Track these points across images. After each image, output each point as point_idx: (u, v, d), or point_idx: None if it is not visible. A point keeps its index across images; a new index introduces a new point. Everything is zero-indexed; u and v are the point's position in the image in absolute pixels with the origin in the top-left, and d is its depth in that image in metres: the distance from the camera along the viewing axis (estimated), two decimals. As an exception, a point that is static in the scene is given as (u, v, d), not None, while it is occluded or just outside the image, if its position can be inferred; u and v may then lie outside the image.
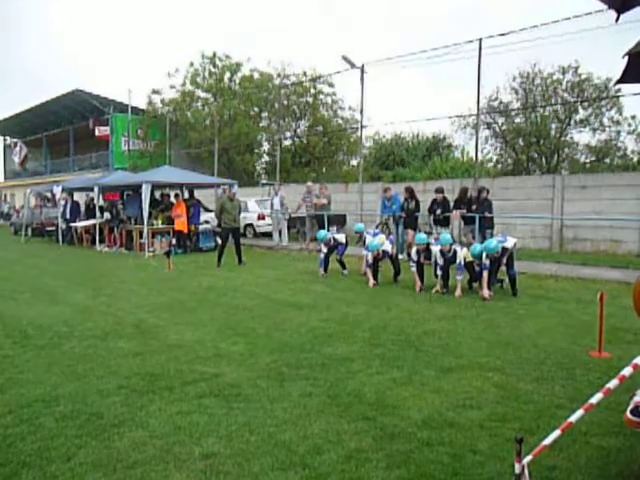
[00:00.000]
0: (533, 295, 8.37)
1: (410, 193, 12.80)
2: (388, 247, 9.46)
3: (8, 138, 45.04)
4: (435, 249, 8.62)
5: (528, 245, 14.51)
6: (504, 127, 25.55)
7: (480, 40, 14.23)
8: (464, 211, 11.78)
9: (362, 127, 19.34)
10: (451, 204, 12.19)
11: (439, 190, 12.40)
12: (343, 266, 10.68)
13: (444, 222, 12.20)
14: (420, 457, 3.15)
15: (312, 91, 29.96)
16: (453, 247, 8.55)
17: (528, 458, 2.53)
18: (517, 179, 16.83)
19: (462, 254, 8.45)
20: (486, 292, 8.04)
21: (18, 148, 39.65)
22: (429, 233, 10.40)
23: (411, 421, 3.66)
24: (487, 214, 11.47)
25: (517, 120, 25.22)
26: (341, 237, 10.64)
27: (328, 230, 13.87)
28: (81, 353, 5.41)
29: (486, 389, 4.27)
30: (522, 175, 21.58)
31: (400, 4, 76.70)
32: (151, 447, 3.32)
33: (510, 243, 8.38)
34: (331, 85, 29.68)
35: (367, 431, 3.52)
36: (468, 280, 8.93)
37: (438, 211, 12.15)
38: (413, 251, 8.99)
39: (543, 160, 25.23)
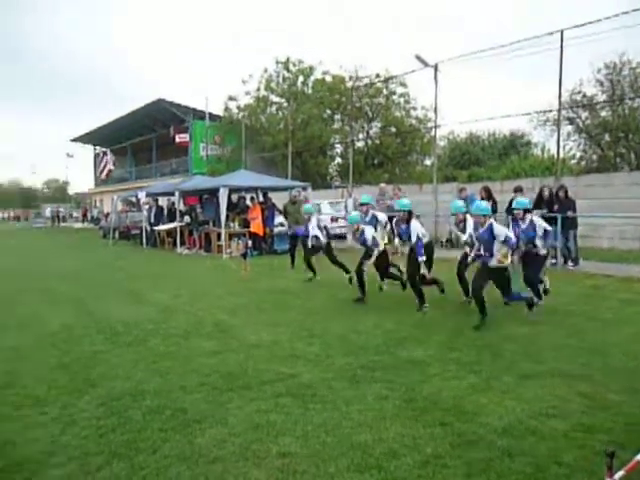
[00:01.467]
0: (622, 299, 7.88)
1: (487, 193, 12.41)
2: (369, 233, 7.92)
3: (98, 147, 47.99)
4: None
5: (618, 246, 13.70)
6: (588, 122, 24.20)
7: (562, 32, 13.59)
8: (544, 211, 11.28)
9: (436, 127, 19.07)
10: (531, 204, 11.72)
11: (518, 189, 11.93)
12: (345, 270, 9.63)
13: (523, 223, 11.72)
14: (501, 466, 3.05)
15: (385, 92, 29.81)
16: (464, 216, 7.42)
17: (620, 473, 2.38)
18: (603, 176, 15.95)
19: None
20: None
21: (108, 157, 41.93)
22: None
23: (490, 428, 3.55)
24: (570, 214, 10.92)
25: (603, 114, 23.81)
26: (317, 233, 9.79)
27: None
28: (165, 350, 5.67)
29: (571, 398, 4.07)
30: (609, 172, 20.35)
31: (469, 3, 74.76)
32: (230, 444, 3.43)
33: (501, 233, 6.35)
34: (404, 85, 29.43)
35: (444, 437, 3.45)
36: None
37: (517, 211, 11.69)
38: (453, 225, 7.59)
39: (632, 156, 23.68)
